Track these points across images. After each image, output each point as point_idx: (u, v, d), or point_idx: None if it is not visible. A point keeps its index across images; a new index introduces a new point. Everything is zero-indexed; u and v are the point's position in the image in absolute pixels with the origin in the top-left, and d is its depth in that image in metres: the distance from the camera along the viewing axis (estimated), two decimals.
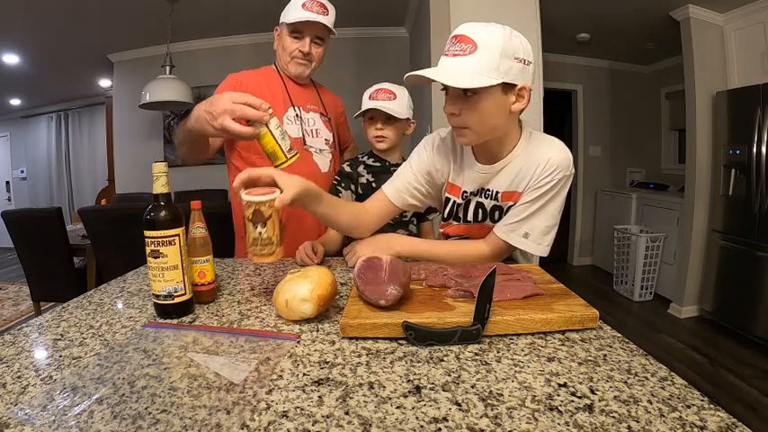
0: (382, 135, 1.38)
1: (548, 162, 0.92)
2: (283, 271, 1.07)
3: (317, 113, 1.46)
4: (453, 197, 1.07)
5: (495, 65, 0.80)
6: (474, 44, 0.80)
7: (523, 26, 2.20)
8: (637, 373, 0.56)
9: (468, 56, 0.80)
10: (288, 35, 1.33)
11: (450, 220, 1.11)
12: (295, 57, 1.35)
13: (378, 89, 1.37)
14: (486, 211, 1.04)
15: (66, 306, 0.86)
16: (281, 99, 1.38)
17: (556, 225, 0.98)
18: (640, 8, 3.13)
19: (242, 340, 0.68)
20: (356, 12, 3.67)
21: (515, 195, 0.98)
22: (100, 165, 5.54)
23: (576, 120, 4.67)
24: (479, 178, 1.01)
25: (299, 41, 1.33)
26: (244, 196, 0.78)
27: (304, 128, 1.41)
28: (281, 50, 1.37)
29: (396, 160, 1.46)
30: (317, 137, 1.44)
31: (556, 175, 0.93)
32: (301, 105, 1.42)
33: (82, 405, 0.50)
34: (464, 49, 0.81)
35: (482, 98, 0.84)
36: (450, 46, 0.84)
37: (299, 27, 1.31)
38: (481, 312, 0.65)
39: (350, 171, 1.43)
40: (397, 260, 0.78)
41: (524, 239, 0.97)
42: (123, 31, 3.71)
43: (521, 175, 0.96)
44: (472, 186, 1.03)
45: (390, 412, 0.48)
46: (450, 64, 0.82)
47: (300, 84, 1.44)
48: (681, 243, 3.35)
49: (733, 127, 2.92)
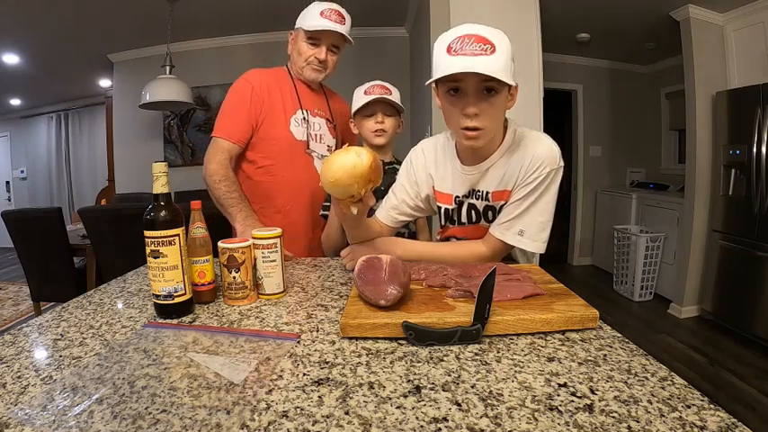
0: (382, 128, 1.37)
1: (533, 158, 0.93)
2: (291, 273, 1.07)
3: (323, 119, 1.48)
4: (444, 205, 1.09)
5: (508, 66, 0.82)
6: (492, 45, 0.81)
7: (523, 26, 2.23)
8: (637, 373, 0.56)
9: (490, 55, 0.80)
10: (304, 41, 1.36)
11: (446, 224, 1.12)
12: (311, 63, 1.38)
13: (373, 85, 1.37)
14: (479, 212, 1.04)
15: (66, 306, 0.86)
16: (290, 101, 1.40)
17: (550, 220, 0.98)
18: (640, 8, 3.13)
19: (242, 340, 0.68)
20: (356, 12, 3.63)
21: (506, 194, 0.98)
22: (100, 165, 5.53)
23: (576, 120, 4.67)
24: (467, 180, 1.02)
25: (316, 48, 1.36)
26: (220, 243, 0.85)
27: (309, 131, 1.42)
28: (297, 55, 1.39)
29: (388, 159, 1.44)
30: (320, 142, 1.46)
31: (543, 169, 0.93)
32: (309, 109, 1.44)
33: (82, 405, 0.50)
34: (484, 48, 0.81)
35: (498, 98, 0.85)
36: (465, 45, 0.81)
37: (317, 35, 1.34)
38: (481, 312, 0.65)
39: None
40: (397, 260, 0.78)
41: (520, 237, 0.97)
42: (123, 31, 3.70)
43: (508, 173, 0.96)
44: (462, 190, 1.04)
45: (390, 412, 0.48)
46: (476, 61, 0.80)
47: (311, 88, 1.46)
48: (681, 243, 3.35)
49: (733, 127, 2.92)
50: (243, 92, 1.36)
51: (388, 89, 1.37)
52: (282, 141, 1.38)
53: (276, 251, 0.88)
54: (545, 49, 2.32)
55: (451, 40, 0.83)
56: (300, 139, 1.40)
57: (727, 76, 3.07)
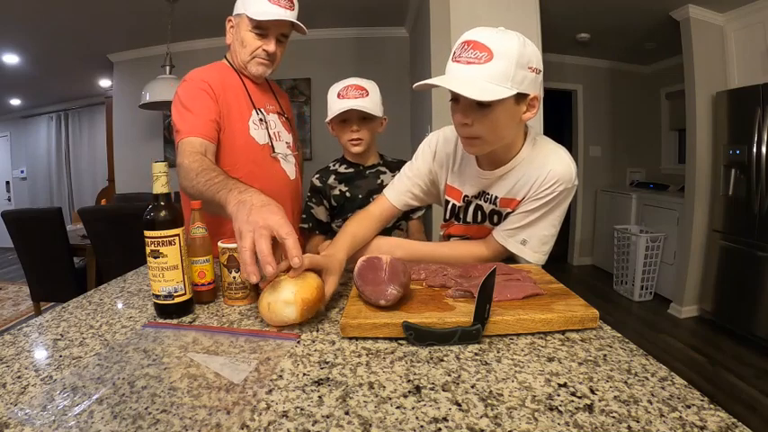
0: (359, 137, 1.30)
1: (548, 174, 0.91)
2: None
3: (275, 114, 1.32)
4: (453, 200, 1.08)
5: (510, 74, 0.77)
6: (489, 52, 0.77)
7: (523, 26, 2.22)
8: (637, 373, 0.56)
9: (483, 64, 0.77)
10: (249, 30, 1.17)
11: (451, 220, 1.12)
12: (257, 56, 1.20)
13: (347, 86, 1.26)
14: (484, 214, 1.04)
15: (66, 306, 0.86)
16: (243, 101, 1.23)
17: (555, 235, 0.98)
18: (640, 8, 3.13)
19: (242, 340, 0.68)
20: (356, 12, 3.67)
21: (513, 203, 0.98)
22: (100, 165, 5.53)
23: (576, 120, 4.67)
24: (480, 183, 1.01)
25: (263, 40, 1.19)
26: (220, 243, 0.83)
27: (269, 132, 1.26)
28: (239, 46, 1.21)
29: (371, 162, 1.39)
30: (279, 140, 1.30)
31: (557, 187, 0.91)
32: (262, 107, 1.27)
33: (82, 405, 0.50)
34: (479, 56, 0.77)
35: (495, 109, 0.81)
36: (462, 52, 0.79)
37: (265, 24, 1.16)
38: (481, 312, 0.65)
39: (320, 186, 1.38)
40: (397, 260, 0.78)
41: (522, 246, 0.97)
42: (123, 31, 3.70)
43: (521, 183, 0.95)
44: (473, 190, 1.03)
45: (390, 412, 0.48)
46: (464, 72, 0.78)
47: (256, 82, 1.29)
48: (681, 243, 3.35)
49: (733, 127, 2.92)
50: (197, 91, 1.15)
51: (364, 90, 1.26)
52: (246, 149, 1.21)
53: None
54: (545, 49, 2.32)
55: (457, 45, 0.82)
56: (263, 142, 1.24)
57: (727, 76, 3.07)
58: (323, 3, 3.32)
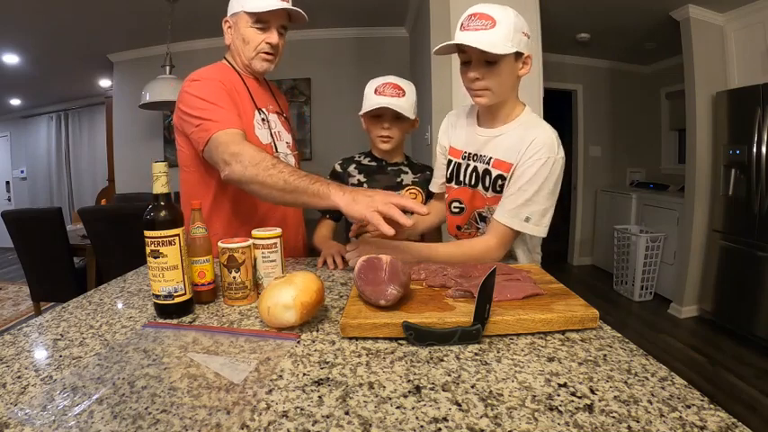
0: (389, 135, 1.31)
1: (533, 141, 1.02)
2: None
3: (275, 114, 1.31)
4: (454, 158, 1.21)
5: (510, 36, 0.95)
6: (493, 20, 0.95)
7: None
8: (637, 373, 0.56)
9: (489, 30, 0.95)
10: (250, 26, 1.16)
11: (451, 182, 1.21)
12: (262, 51, 1.18)
13: (385, 83, 1.28)
14: (478, 175, 1.13)
15: (66, 306, 0.86)
16: (247, 102, 1.21)
17: (552, 206, 1.06)
18: (640, 8, 3.13)
19: (242, 340, 0.68)
20: (356, 12, 3.67)
21: (505, 165, 1.07)
22: (100, 165, 5.53)
23: (576, 120, 4.67)
24: (478, 141, 1.14)
25: (265, 33, 1.17)
26: (220, 243, 0.84)
27: (272, 132, 1.26)
28: (242, 44, 1.19)
29: (395, 160, 1.41)
30: (280, 140, 1.29)
31: (542, 153, 1.01)
32: (264, 107, 1.26)
33: (82, 405, 0.50)
34: (485, 24, 0.95)
35: (501, 65, 0.99)
36: (470, 22, 0.97)
37: (265, 17, 1.15)
38: (481, 312, 0.65)
39: (340, 171, 1.39)
40: (397, 260, 0.78)
41: (525, 223, 1.04)
42: (123, 31, 3.70)
43: (513, 146, 1.06)
44: (471, 148, 1.16)
45: (390, 412, 0.48)
46: (476, 36, 0.96)
47: (257, 82, 1.29)
48: (681, 243, 3.35)
49: (733, 127, 2.92)
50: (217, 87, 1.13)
51: (401, 90, 1.28)
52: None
53: (276, 251, 0.88)
54: (545, 49, 2.32)
55: (464, 17, 0.99)
56: (266, 142, 1.23)
57: (727, 76, 3.07)
58: (323, 3, 3.32)
